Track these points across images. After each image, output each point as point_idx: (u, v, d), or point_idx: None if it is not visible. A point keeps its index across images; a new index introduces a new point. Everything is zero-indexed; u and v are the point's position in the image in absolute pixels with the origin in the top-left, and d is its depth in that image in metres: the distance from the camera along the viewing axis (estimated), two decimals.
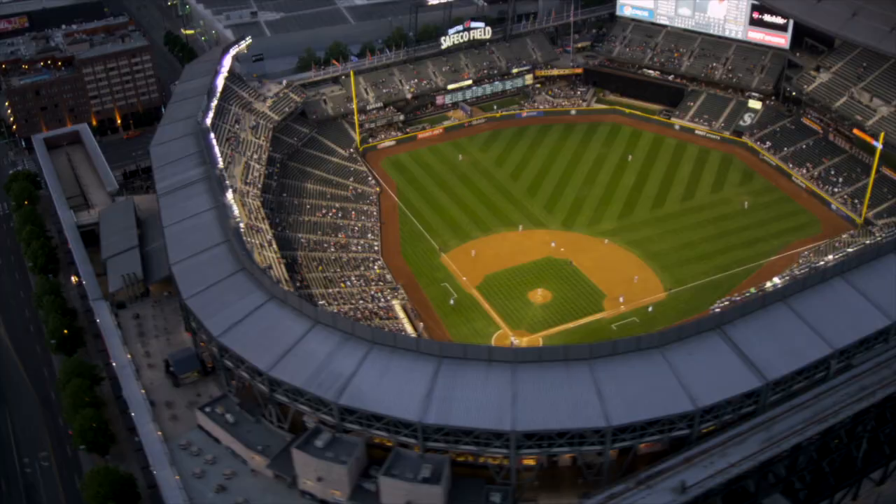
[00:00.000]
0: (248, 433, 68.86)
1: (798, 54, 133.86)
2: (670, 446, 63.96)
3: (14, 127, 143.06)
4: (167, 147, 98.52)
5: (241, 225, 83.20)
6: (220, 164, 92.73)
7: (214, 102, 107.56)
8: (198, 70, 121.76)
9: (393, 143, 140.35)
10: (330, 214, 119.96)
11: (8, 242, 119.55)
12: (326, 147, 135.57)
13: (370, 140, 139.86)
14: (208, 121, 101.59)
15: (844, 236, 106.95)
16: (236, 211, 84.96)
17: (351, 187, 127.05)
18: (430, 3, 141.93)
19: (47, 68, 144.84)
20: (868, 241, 75.74)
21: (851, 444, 69.91)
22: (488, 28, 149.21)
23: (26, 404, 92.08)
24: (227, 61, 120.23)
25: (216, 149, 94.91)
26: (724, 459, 59.89)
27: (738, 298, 70.33)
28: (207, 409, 71.15)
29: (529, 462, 65.74)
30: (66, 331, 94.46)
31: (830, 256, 74.19)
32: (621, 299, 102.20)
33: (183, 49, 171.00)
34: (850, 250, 75.02)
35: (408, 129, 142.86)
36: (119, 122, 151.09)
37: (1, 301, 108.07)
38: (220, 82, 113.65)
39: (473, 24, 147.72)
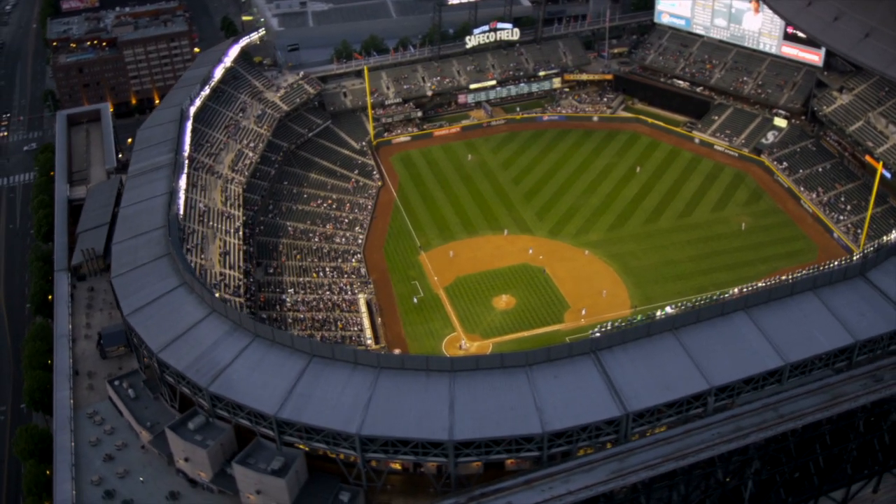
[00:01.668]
0: (144, 409, 72.64)
1: (826, 73, 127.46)
2: (538, 464, 63.69)
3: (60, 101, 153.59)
4: (151, 132, 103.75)
5: (181, 212, 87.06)
6: (187, 151, 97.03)
7: (206, 91, 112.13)
8: (209, 58, 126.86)
9: (408, 138, 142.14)
10: (325, 205, 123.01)
11: (29, 209, 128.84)
12: (339, 138, 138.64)
13: (385, 134, 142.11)
14: (193, 108, 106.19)
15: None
16: (182, 197, 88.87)
17: (353, 180, 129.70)
18: (450, 3, 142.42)
19: (93, 48, 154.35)
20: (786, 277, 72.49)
21: (741, 485, 67.80)
22: (516, 30, 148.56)
23: (1, 361, 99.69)
24: (233, 51, 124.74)
25: (187, 135, 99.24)
26: (564, 486, 59.02)
27: (622, 324, 68.90)
28: (116, 383, 75.41)
29: (396, 466, 66.98)
30: (50, 296, 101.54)
31: (735, 290, 71.40)
32: (583, 312, 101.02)
33: (235, 35, 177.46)
34: (760, 284, 72.05)
35: (425, 126, 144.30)
36: (157, 101, 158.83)
37: (8, 263, 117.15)
38: (218, 72, 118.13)
39: (500, 25, 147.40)
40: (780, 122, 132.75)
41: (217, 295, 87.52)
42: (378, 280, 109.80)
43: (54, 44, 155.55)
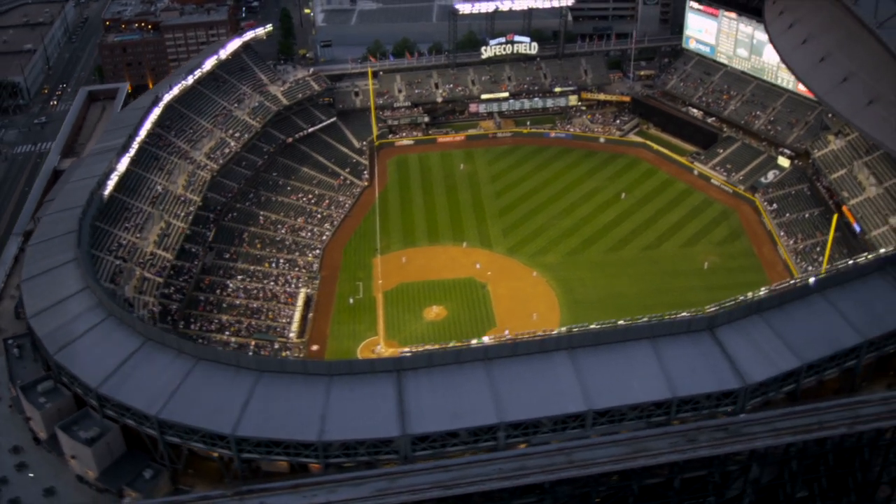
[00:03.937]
0: (22, 369, 78.93)
1: (832, 115, 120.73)
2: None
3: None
4: (125, 114, 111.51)
5: (106, 192, 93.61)
6: (141, 136, 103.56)
7: (189, 81, 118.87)
8: (212, 50, 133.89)
9: (411, 142, 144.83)
10: (305, 199, 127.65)
11: None
12: (342, 136, 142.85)
13: (390, 136, 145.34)
14: (168, 95, 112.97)
15: None
16: (115, 179, 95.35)
17: (342, 177, 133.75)
18: (461, 13, 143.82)
19: (140, 29, 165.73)
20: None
21: None
22: (534, 44, 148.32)
23: None
24: (232, 44, 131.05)
25: (148, 121, 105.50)
26: (327, 496, 60.85)
27: (439, 347, 69.46)
28: (10, 342, 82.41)
29: (214, 454, 70.54)
30: None
31: (564, 329, 70.22)
32: (506, 333, 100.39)
33: (290, 26, 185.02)
34: (593, 326, 70.52)
35: (430, 132, 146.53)
36: None
37: (11, 223, 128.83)
38: (209, 62, 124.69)
39: (517, 38, 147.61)
40: (784, 162, 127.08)
41: (138, 273, 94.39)
42: (327, 277, 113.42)
43: (107, 23, 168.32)
